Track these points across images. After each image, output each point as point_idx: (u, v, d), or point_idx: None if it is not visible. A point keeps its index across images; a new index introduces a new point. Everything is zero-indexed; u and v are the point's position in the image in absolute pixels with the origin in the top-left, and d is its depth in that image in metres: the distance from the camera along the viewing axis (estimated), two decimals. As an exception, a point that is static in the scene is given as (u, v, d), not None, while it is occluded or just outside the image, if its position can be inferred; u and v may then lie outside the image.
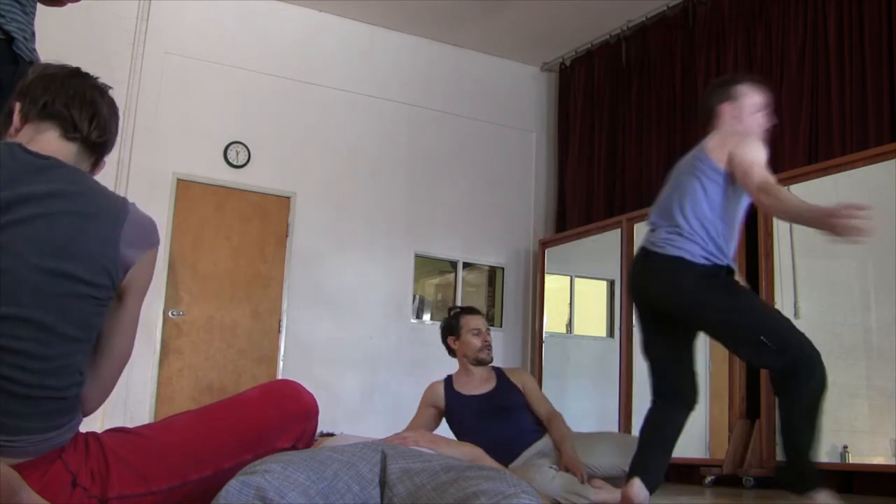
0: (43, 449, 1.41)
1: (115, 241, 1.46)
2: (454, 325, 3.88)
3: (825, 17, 5.41)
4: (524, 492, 1.31)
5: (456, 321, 3.88)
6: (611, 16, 6.85)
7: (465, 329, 3.84)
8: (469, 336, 3.83)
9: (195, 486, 1.57)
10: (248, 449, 1.60)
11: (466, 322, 3.85)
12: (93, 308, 1.45)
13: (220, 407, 1.72)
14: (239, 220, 6.40)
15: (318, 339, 6.51)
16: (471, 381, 3.82)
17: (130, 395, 5.73)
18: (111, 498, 1.48)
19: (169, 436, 1.62)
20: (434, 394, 3.82)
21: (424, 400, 3.86)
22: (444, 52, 7.38)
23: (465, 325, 3.84)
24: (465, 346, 3.83)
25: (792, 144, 5.43)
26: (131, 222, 1.49)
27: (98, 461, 1.50)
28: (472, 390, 3.79)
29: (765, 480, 4.92)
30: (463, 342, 3.84)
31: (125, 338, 1.56)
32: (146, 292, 1.59)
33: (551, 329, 7.10)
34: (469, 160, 7.36)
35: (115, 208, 1.50)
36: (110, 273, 1.45)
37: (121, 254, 1.46)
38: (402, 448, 1.59)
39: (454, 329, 3.88)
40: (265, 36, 6.68)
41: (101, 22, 6.00)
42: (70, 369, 1.43)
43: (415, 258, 7.02)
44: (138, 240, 1.50)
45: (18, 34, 2.25)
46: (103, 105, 1.59)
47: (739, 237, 5.40)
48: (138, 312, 1.59)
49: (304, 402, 1.73)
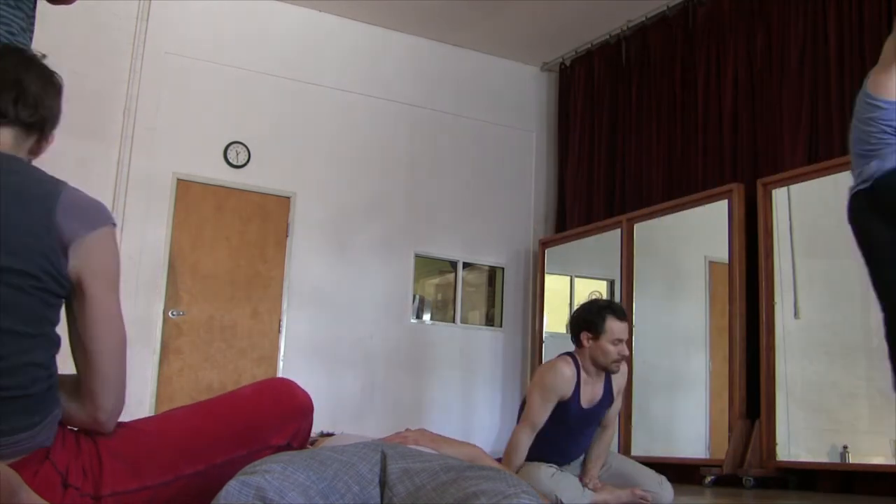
0: (20, 451, 1.38)
1: (49, 226, 1.38)
2: (597, 323, 3.44)
3: (825, 17, 5.41)
4: (524, 492, 1.31)
5: (601, 320, 3.43)
6: (611, 16, 6.85)
7: (608, 335, 3.42)
8: (609, 345, 3.43)
9: (187, 481, 1.55)
10: (241, 445, 1.58)
11: (612, 328, 3.43)
12: (40, 300, 1.38)
13: (213, 402, 1.71)
14: (239, 220, 6.40)
15: (318, 339, 6.52)
16: (590, 380, 3.51)
17: (130, 395, 5.67)
18: (105, 495, 1.46)
19: (161, 429, 1.61)
20: (567, 383, 3.44)
21: (554, 386, 3.43)
22: (444, 52, 7.38)
23: (609, 330, 3.42)
24: (600, 352, 3.44)
25: (792, 144, 5.44)
26: (65, 204, 1.41)
27: (90, 458, 1.48)
28: (588, 394, 3.50)
29: (765, 480, 4.93)
30: (599, 346, 3.44)
31: (105, 331, 1.47)
32: (114, 279, 1.48)
33: (551, 329, 7.10)
34: (469, 160, 7.36)
35: (46, 192, 1.41)
36: (51, 260, 1.38)
37: (57, 237, 1.39)
38: (402, 448, 1.59)
39: (595, 328, 3.44)
40: (265, 36, 6.68)
41: (101, 22, 6.00)
42: (28, 366, 1.38)
43: (415, 258, 7.02)
44: (77, 221, 1.41)
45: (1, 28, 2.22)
46: (31, 81, 1.51)
47: (739, 237, 5.42)
48: (112, 302, 1.48)
49: (299, 400, 1.71)
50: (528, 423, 3.43)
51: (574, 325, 3.53)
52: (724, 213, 5.52)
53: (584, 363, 3.49)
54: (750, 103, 5.87)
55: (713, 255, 5.74)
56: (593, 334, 3.44)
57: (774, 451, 4.93)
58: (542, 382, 3.47)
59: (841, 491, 4.68)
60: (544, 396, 3.43)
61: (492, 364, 7.20)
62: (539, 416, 3.42)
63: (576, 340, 3.51)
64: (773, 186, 5.27)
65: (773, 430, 4.96)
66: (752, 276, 5.30)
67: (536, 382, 3.53)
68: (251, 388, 1.74)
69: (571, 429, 3.53)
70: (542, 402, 3.42)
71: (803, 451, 4.92)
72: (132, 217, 5.98)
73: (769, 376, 5.04)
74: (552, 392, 3.42)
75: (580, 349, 3.50)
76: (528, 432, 3.44)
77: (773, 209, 5.23)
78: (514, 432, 3.49)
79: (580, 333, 3.47)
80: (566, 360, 3.49)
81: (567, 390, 3.44)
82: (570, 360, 3.49)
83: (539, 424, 3.43)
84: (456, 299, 7.18)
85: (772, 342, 5.07)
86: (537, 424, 3.43)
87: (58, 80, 1.60)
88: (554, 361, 3.54)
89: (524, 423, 3.44)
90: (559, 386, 3.42)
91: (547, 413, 3.43)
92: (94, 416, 1.50)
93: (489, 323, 7.37)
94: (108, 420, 1.51)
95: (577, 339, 3.50)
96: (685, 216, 5.95)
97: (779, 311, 5.08)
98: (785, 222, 5.18)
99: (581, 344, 3.48)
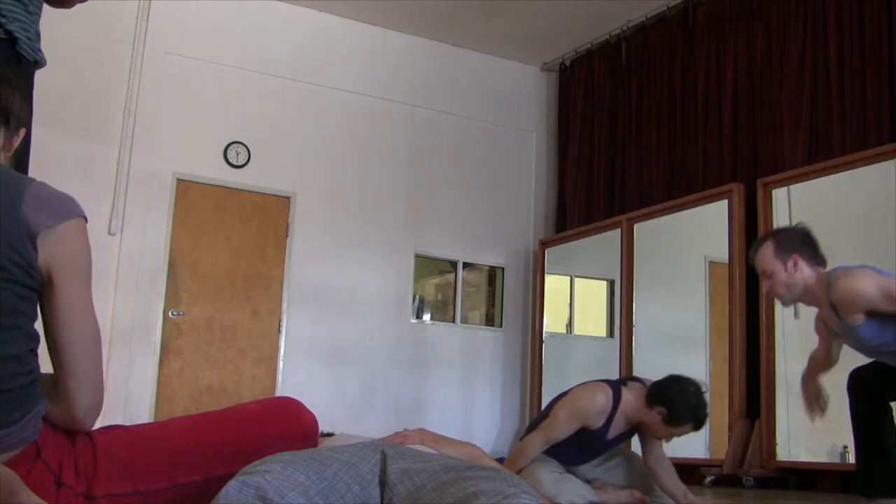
0: (4, 447, 1.37)
1: (17, 217, 1.38)
2: (681, 418, 3.20)
3: (825, 17, 5.41)
4: (524, 492, 1.31)
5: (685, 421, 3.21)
6: (611, 16, 6.85)
7: (677, 431, 3.25)
8: (666, 433, 3.27)
9: (182, 491, 1.54)
10: (239, 461, 1.54)
11: (684, 430, 3.24)
12: (10, 291, 1.37)
13: (217, 415, 1.69)
14: (239, 220, 6.40)
15: (318, 338, 6.52)
16: (620, 427, 3.34)
17: (130, 394, 5.73)
18: (98, 496, 1.46)
19: (161, 436, 1.60)
20: (599, 416, 3.27)
21: (585, 414, 3.28)
22: (444, 53, 7.38)
23: (679, 430, 3.24)
24: (656, 430, 3.28)
25: (792, 144, 5.43)
26: (33, 196, 1.41)
27: (85, 457, 1.48)
28: (618, 428, 3.35)
29: (765, 480, 4.93)
30: (661, 427, 3.25)
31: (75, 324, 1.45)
32: (83, 272, 1.47)
33: (551, 329, 7.10)
34: (469, 160, 7.36)
35: (13, 185, 1.42)
36: (19, 251, 1.37)
37: (25, 228, 1.38)
38: (402, 448, 1.59)
39: (675, 418, 3.20)
40: (265, 36, 6.68)
41: (101, 22, 6.00)
42: (4, 360, 1.37)
43: (415, 258, 7.02)
44: (43, 212, 1.41)
45: (21, 34, 2.24)
46: None
47: (739, 237, 5.42)
48: (82, 295, 1.46)
49: (304, 423, 1.69)
50: (544, 436, 3.32)
51: (661, 393, 3.24)
52: (724, 213, 5.52)
53: (629, 407, 3.27)
54: (750, 103, 5.86)
55: (713, 255, 5.74)
56: (668, 420, 3.21)
57: (774, 451, 4.93)
58: (575, 406, 3.31)
59: (841, 491, 4.68)
60: (571, 418, 3.28)
61: (492, 364, 7.19)
62: (559, 434, 3.30)
63: (650, 401, 3.24)
64: (773, 186, 5.27)
65: (773, 430, 4.96)
66: (752, 276, 5.29)
67: (569, 402, 3.34)
68: (258, 404, 1.73)
69: (591, 450, 3.44)
70: (567, 423, 3.29)
71: (803, 451, 4.92)
72: (132, 217, 5.98)
73: (769, 376, 5.04)
74: (581, 418, 3.28)
75: (642, 405, 3.26)
76: (542, 444, 3.33)
77: (773, 209, 5.23)
78: (529, 438, 3.37)
79: (660, 404, 3.21)
80: (605, 391, 3.29)
81: (598, 422, 3.28)
82: (610, 393, 3.28)
83: (556, 440, 3.31)
84: (456, 299, 7.18)
85: (772, 342, 5.07)
86: (554, 440, 3.31)
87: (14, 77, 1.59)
88: (594, 387, 3.35)
89: (541, 433, 3.32)
90: (590, 416, 3.27)
91: (568, 433, 3.30)
92: (70, 414, 1.47)
93: (489, 323, 7.37)
94: (84, 418, 1.48)
95: (651, 403, 3.24)
96: (685, 216, 5.95)
97: (779, 311, 5.08)
98: (785, 222, 5.17)
99: (649, 407, 3.24)
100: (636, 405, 3.27)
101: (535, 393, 6.93)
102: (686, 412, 3.19)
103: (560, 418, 3.30)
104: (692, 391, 3.21)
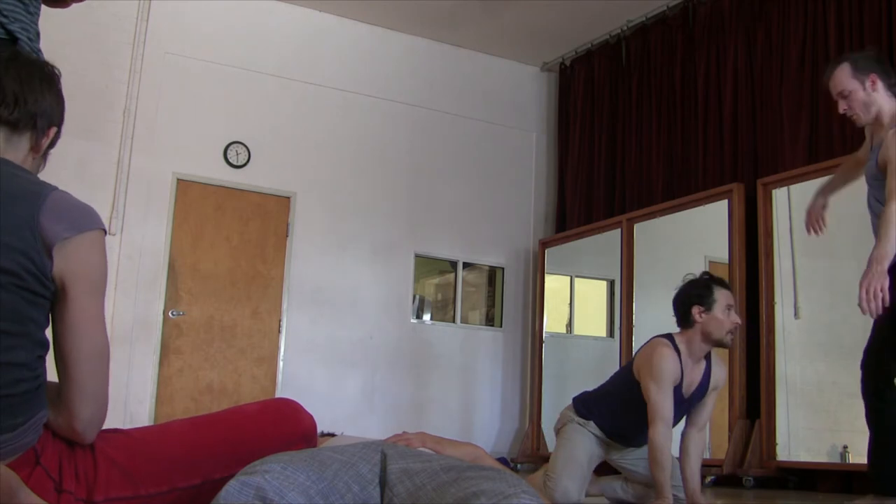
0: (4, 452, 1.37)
1: (34, 227, 1.37)
2: (706, 295, 3.26)
3: (825, 17, 5.41)
4: (524, 492, 1.31)
5: (709, 291, 3.27)
6: (611, 16, 6.86)
7: (720, 304, 3.25)
8: (721, 313, 3.25)
9: (182, 495, 1.54)
10: (239, 463, 1.53)
11: (721, 296, 3.27)
12: (23, 299, 1.37)
13: (216, 417, 1.69)
14: (239, 220, 6.40)
15: (318, 339, 6.52)
16: (692, 362, 3.30)
17: (130, 395, 5.73)
18: (98, 501, 1.45)
19: (161, 440, 1.59)
20: (676, 365, 3.24)
21: (666, 371, 3.22)
22: (444, 52, 7.39)
23: (719, 299, 3.26)
24: (714, 324, 3.24)
25: (792, 144, 5.43)
26: (51, 205, 1.40)
27: (85, 462, 1.47)
28: (689, 378, 3.31)
29: (765, 480, 4.93)
30: (713, 318, 3.24)
31: (84, 336, 1.45)
32: (97, 285, 1.46)
33: (551, 329, 7.10)
34: (469, 160, 7.36)
35: (33, 193, 1.41)
36: (33, 259, 1.37)
37: (41, 237, 1.38)
38: (402, 448, 1.59)
39: (705, 299, 3.26)
40: (265, 36, 6.68)
41: (101, 22, 6.00)
42: (9, 366, 1.36)
43: (415, 258, 7.03)
44: (61, 223, 1.40)
45: (22, 34, 2.24)
46: (8, 80, 1.49)
47: (739, 237, 5.42)
48: (93, 308, 1.46)
49: (303, 425, 1.69)
50: (659, 420, 3.18)
51: (682, 303, 3.31)
52: (724, 213, 5.52)
53: (687, 345, 3.29)
54: (750, 103, 5.87)
55: (713, 255, 5.74)
56: (705, 307, 3.24)
57: (774, 451, 4.93)
58: (655, 371, 3.22)
59: (841, 491, 4.68)
60: (661, 385, 3.20)
61: (492, 364, 7.20)
62: (667, 408, 3.18)
63: (685, 319, 3.29)
64: (773, 186, 5.27)
65: (773, 430, 4.96)
66: (752, 276, 5.29)
67: (647, 373, 3.26)
68: (256, 406, 1.73)
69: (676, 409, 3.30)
70: (662, 392, 3.20)
71: (803, 451, 4.92)
72: (132, 217, 5.99)
73: (769, 376, 5.04)
74: (668, 378, 3.22)
75: (687, 330, 3.29)
76: (664, 429, 3.18)
77: (773, 209, 5.23)
78: (651, 436, 3.20)
79: (691, 309, 3.26)
80: (665, 343, 3.28)
81: (677, 373, 3.25)
82: (669, 343, 3.28)
83: (670, 417, 3.20)
84: (456, 299, 7.18)
85: (772, 342, 5.07)
86: (668, 418, 3.19)
87: (48, 73, 1.58)
88: (653, 346, 3.30)
89: (655, 422, 3.19)
90: (672, 369, 3.23)
91: (671, 401, 3.20)
92: (71, 425, 1.46)
93: (489, 323, 7.37)
94: (84, 430, 1.47)
95: (688, 317, 3.28)
96: (685, 216, 5.95)
97: (779, 310, 5.08)
98: (785, 222, 5.18)
99: (693, 321, 3.26)
100: (689, 334, 3.29)
101: (535, 393, 6.93)
102: (704, 286, 3.29)
103: (654, 393, 3.21)
104: (688, 281, 3.39)
